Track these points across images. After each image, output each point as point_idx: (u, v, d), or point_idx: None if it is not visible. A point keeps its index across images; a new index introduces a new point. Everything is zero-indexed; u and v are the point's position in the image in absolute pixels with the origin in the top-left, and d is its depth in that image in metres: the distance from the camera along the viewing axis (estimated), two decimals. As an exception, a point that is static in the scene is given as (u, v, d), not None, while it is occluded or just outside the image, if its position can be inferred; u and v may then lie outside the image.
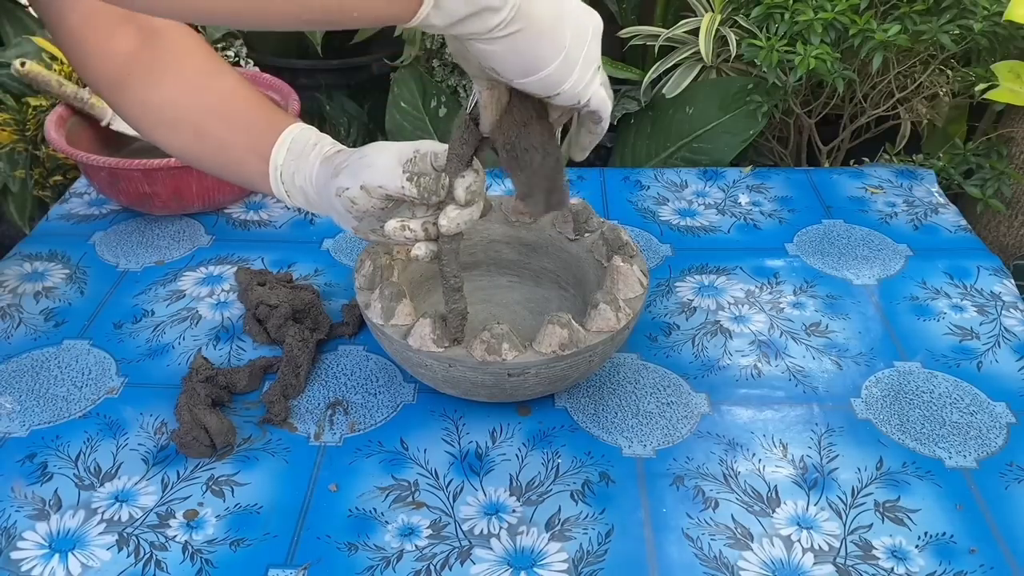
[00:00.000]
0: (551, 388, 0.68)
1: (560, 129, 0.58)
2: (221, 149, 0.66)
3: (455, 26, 0.47)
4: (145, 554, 0.60)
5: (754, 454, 0.68)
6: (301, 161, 0.63)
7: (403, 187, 0.58)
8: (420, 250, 0.61)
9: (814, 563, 0.59)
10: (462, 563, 0.59)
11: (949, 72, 1.10)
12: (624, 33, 1.27)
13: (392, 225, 0.60)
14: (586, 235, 0.78)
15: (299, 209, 0.98)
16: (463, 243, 0.77)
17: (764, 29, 1.09)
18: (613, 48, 1.45)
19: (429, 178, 0.58)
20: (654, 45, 1.22)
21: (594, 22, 0.53)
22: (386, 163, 0.59)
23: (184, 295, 0.85)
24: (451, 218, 0.59)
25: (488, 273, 0.82)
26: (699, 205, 1.00)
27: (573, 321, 0.64)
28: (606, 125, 0.57)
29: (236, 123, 0.66)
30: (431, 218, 0.60)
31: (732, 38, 1.13)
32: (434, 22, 0.47)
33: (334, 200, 0.60)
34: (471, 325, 0.66)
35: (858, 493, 0.64)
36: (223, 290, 0.86)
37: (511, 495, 0.64)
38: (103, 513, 0.63)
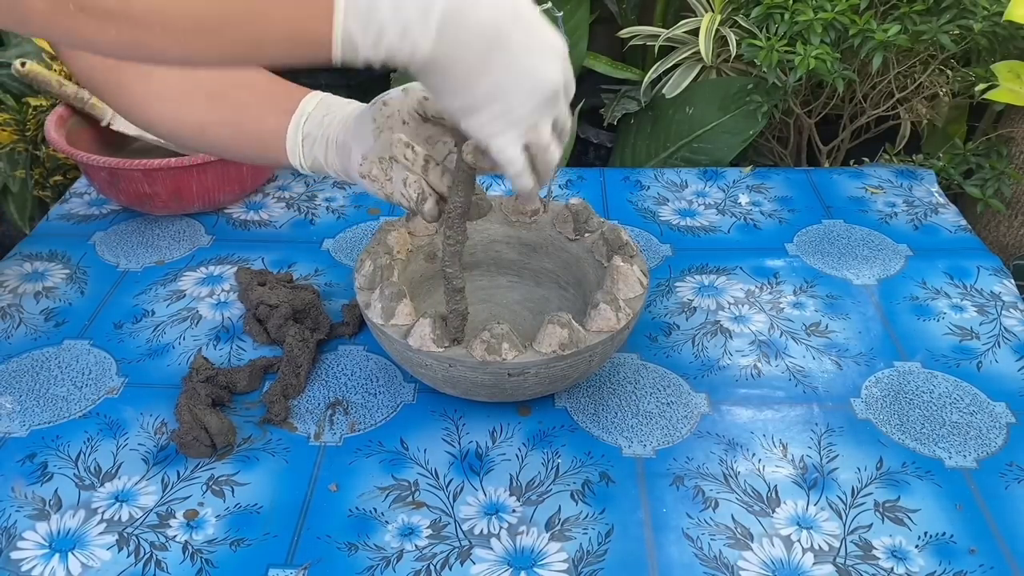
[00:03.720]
0: (551, 388, 0.68)
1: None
2: (238, 109, 0.64)
3: (378, 50, 0.45)
4: (145, 554, 0.60)
5: (754, 454, 0.68)
6: (335, 111, 0.62)
7: (364, 183, 0.60)
8: (427, 205, 0.60)
9: (814, 563, 0.59)
10: (462, 563, 0.59)
11: (949, 72, 1.10)
12: (624, 33, 1.27)
13: (395, 195, 0.60)
14: (586, 235, 0.78)
15: (299, 209, 0.98)
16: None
17: (764, 29, 1.10)
18: (613, 48, 1.45)
19: (381, 168, 0.59)
20: (654, 45, 1.22)
21: (540, 77, 0.49)
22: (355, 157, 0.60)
23: (184, 295, 0.85)
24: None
25: (488, 273, 0.82)
26: (699, 205, 1.00)
27: (573, 321, 0.64)
28: (520, 183, 0.53)
29: (257, 85, 0.64)
30: (422, 176, 0.59)
31: (732, 38, 1.13)
32: (357, 41, 0.45)
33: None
34: (471, 325, 0.66)
35: (858, 493, 0.64)
36: (223, 290, 0.86)
37: (511, 495, 0.64)
38: (103, 513, 0.63)
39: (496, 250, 0.81)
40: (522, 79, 0.49)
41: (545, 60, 0.49)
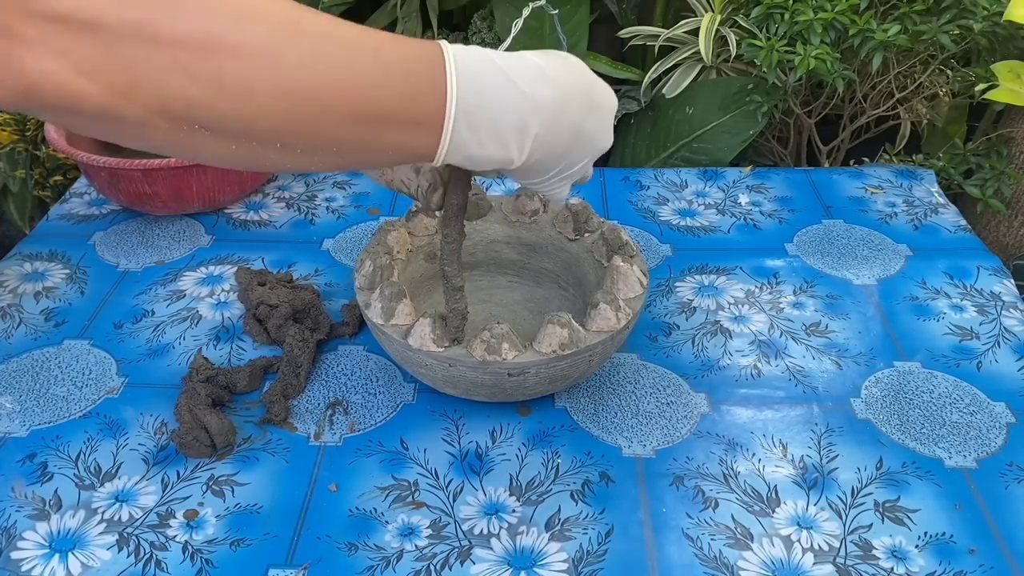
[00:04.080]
0: (551, 388, 0.68)
1: None
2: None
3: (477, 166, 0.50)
4: (145, 554, 0.60)
5: (754, 454, 0.68)
6: None
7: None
8: (436, 195, 0.60)
9: (814, 563, 0.59)
10: (462, 563, 0.59)
11: (949, 72, 1.10)
12: (624, 33, 1.27)
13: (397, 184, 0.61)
14: (586, 235, 0.78)
15: (299, 209, 0.98)
16: (464, 243, 0.77)
17: (764, 29, 1.09)
18: (613, 48, 1.45)
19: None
20: (654, 45, 1.22)
21: (601, 146, 0.54)
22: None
23: (184, 295, 0.85)
24: None
25: (488, 273, 0.82)
26: (699, 205, 1.00)
27: (573, 321, 0.64)
28: (558, 200, 0.60)
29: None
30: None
31: (732, 38, 1.13)
32: (458, 158, 0.49)
33: None
34: (471, 325, 0.66)
35: (858, 493, 0.64)
36: (223, 290, 0.86)
37: (511, 495, 0.64)
38: (103, 513, 0.63)
39: (496, 250, 0.81)
40: (589, 152, 0.55)
41: (606, 130, 0.54)
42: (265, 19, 0.42)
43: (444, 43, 0.48)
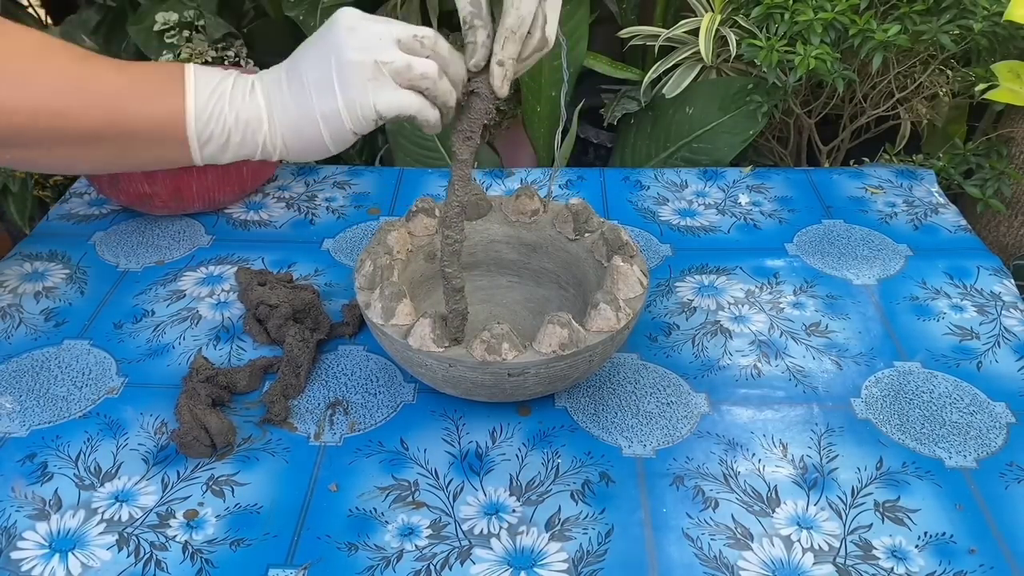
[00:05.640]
0: (551, 388, 0.68)
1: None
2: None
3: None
4: (145, 554, 0.60)
5: (754, 454, 0.68)
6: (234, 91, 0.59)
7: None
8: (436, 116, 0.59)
9: (814, 563, 0.59)
10: (462, 563, 0.59)
11: (949, 72, 1.10)
12: (624, 33, 1.27)
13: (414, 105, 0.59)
14: (586, 235, 0.78)
15: (299, 209, 0.98)
16: (464, 243, 0.77)
17: (764, 29, 1.09)
18: (613, 48, 1.45)
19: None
20: (654, 45, 1.22)
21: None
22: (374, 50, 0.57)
23: (184, 295, 0.85)
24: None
25: (488, 273, 0.82)
26: (699, 205, 1.00)
27: (573, 321, 0.64)
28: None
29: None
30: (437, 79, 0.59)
31: (732, 38, 1.13)
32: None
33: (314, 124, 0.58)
34: (471, 325, 0.66)
35: (858, 493, 0.64)
36: (223, 290, 0.86)
37: (511, 495, 0.64)
38: (103, 513, 0.63)
39: (496, 250, 0.81)
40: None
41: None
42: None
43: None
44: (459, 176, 0.62)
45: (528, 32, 0.58)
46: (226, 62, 1.19)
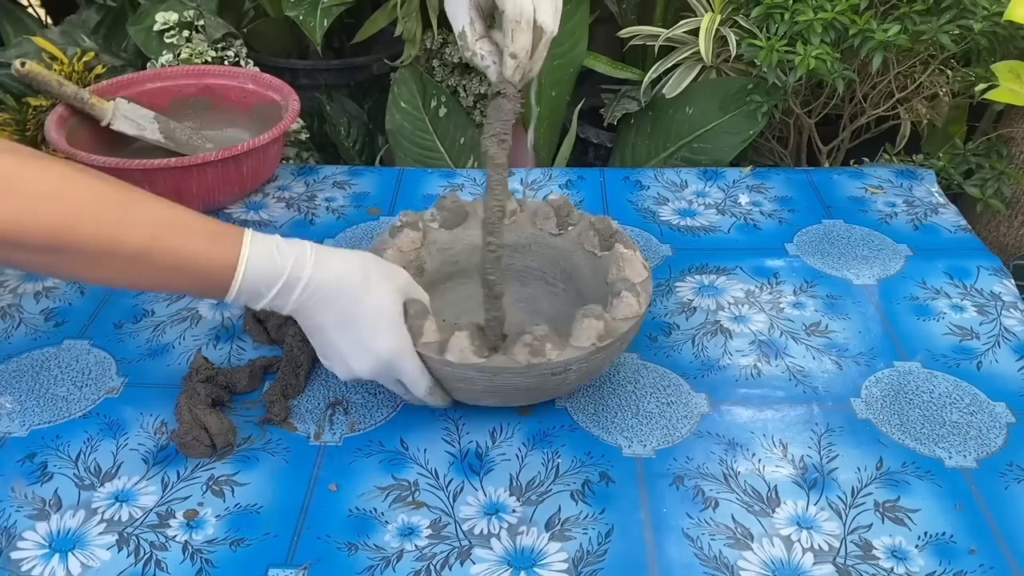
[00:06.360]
0: (585, 381, 0.69)
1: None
2: None
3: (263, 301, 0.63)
4: (145, 554, 0.60)
5: (754, 454, 0.68)
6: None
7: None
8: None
9: (814, 563, 0.59)
10: (462, 563, 0.59)
11: (949, 72, 1.10)
12: (624, 33, 1.27)
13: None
14: (569, 228, 0.78)
15: (299, 209, 0.98)
16: (448, 252, 0.77)
17: (764, 29, 1.09)
18: (613, 48, 1.45)
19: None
20: (654, 45, 1.22)
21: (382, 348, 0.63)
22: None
23: (184, 295, 0.85)
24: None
25: (472, 279, 0.82)
26: (699, 205, 1.00)
27: (605, 312, 0.65)
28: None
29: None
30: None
31: (732, 38, 1.13)
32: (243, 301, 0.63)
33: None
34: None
35: (858, 493, 0.64)
36: (223, 290, 0.86)
37: (511, 495, 0.64)
38: (103, 513, 0.63)
39: (478, 255, 0.81)
40: (336, 360, 0.65)
41: (380, 333, 0.63)
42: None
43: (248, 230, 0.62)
44: (497, 180, 0.62)
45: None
46: (226, 62, 1.19)
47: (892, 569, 0.59)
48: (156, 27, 1.20)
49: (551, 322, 0.79)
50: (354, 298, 0.62)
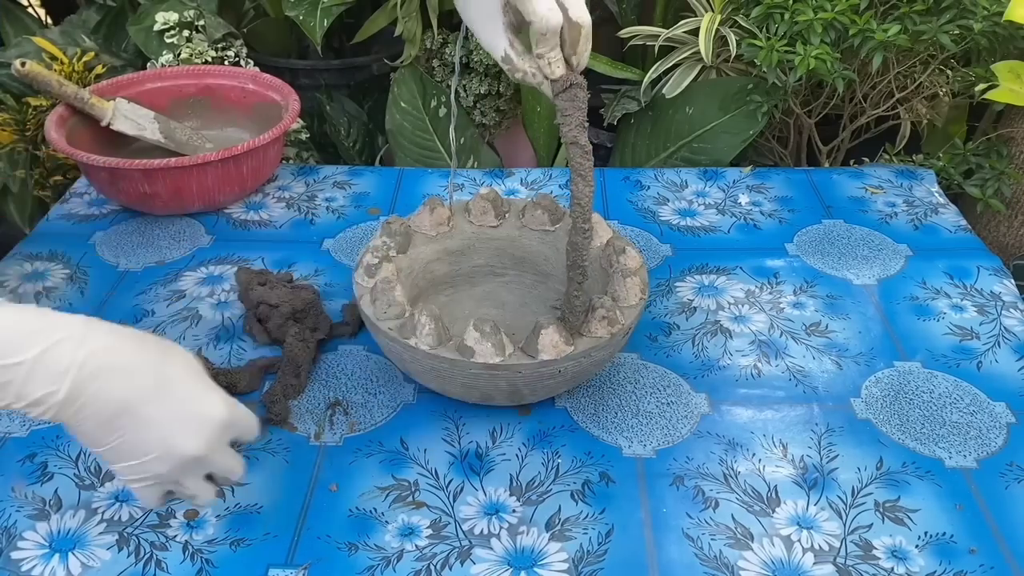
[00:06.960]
0: (599, 370, 0.71)
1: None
2: None
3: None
4: (145, 554, 0.60)
5: (754, 454, 0.68)
6: None
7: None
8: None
9: (814, 563, 0.59)
10: (462, 563, 0.59)
11: (949, 72, 1.10)
12: (624, 33, 1.27)
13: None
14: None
15: (299, 209, 0.98)
16: (433, 258, 0.77)
17: (764, 29, 1.09)
18: (613, 48, 1.45)
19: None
20: (654, 45, 1.22)
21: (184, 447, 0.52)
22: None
23: (184, 295, 0.85)
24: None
25: (470, 280, 0.82)
26: (699, 205, 1.00)
27: (615, 302, 0.66)
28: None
29: None
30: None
31: (732, 38, 1.13)
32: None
33: None
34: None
35: (858, 493, 0.64)
36: (223, 290, 0.86)
37: (511, 495, 0.64)
38: (103, 513, 0.63)
39: (469, 259, 0.81)
40: (153, 446, 0.52)
41: (183, 431, 0.52)
42: None
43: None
44: (588, 166, 0.61)
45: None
46: (226, 62, 1.19)
47: (892, 569, 0.59)
48: (156, 27, 1.20)
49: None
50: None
